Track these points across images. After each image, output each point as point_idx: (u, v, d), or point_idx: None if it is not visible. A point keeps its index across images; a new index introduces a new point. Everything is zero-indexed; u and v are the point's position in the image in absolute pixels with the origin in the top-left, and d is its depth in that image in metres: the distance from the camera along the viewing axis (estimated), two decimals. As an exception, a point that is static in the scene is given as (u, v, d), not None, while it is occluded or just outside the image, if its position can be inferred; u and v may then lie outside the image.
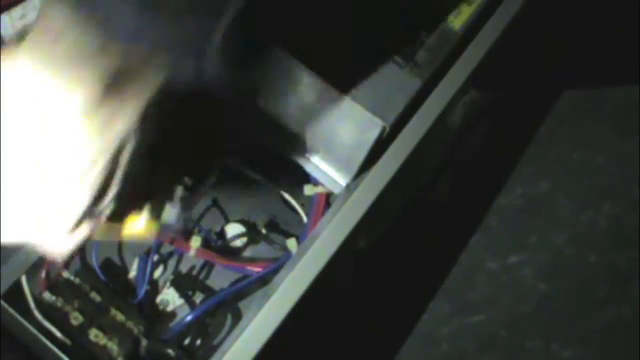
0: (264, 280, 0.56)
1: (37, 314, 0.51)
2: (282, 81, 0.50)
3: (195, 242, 0.56)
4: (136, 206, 0.41)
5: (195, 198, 0.60)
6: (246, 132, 0.53)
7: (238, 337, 0.43)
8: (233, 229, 0.59)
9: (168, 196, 0.44)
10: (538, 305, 0.63)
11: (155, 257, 0.56)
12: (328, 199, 0.57)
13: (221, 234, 0.59)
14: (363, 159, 0.50)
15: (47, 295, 0.52)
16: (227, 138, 0.53)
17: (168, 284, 0.56)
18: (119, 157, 0.32)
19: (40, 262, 0.53)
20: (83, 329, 0.51)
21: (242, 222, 0.60)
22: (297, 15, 0.49)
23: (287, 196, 0.59)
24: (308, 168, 0.55)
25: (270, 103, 0.53)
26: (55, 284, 0.53)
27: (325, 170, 0.54)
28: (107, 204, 0.34)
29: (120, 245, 0.58)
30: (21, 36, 0.30)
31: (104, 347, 0.51)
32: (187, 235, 0.58)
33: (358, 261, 0.64)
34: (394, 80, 0.49)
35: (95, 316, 0.52)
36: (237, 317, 0.57)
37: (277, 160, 0.62)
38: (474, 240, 0.71)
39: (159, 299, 0.56)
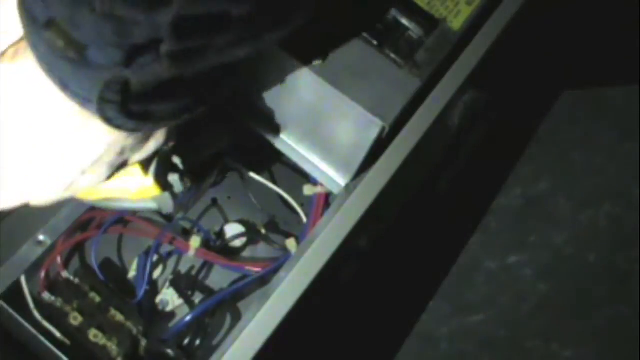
0: (264, 280, 0.56)
1: (37, 314, 0.51)
2: (281, 79, 0.50)
3: (195, 242, 0.56)
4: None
5: (195, 198, 0.60)
6: (241, 128, 0.53)
7: (237, 337, 0.43)
8: (232, 229, 0.59)
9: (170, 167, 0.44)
10: (538, 305, 0.63)
11: (155, 257, 0.56)
12: (327, 199, 0.57)
13: (220, 234, 0.59)
14: (362, 159, 0.50)
15: (47, 295, 0.52)
16: (223, 134, 0.53)
17: (167, 284, 0.56)
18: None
19: (39, 262, 0.53)
20: (82, 329, 0.51)
21: (241, 222, 0.60)
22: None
23: (286, 196, 0.59)
24: (307, 168, 0.55)
25: (267, 101, 0.53)
26: (54, 284, 0.53)
27: (325, 170, 0.54)
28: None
29: (119, 245, 0.58)
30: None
31: (104, 347, 0.51)
32: (186, 235, 0.58)
33: (358, 261, 0.64)
34: (393, 80, 0.49)
35: (95, 316, 0.52)
36: (237, 317, 0.57)
37: (276, 160, 0.62)
38: (473, 240, 0.71)
39: (158, 299, 0.56)
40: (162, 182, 0.43)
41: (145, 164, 0.41)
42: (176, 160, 0.45)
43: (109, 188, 0.41)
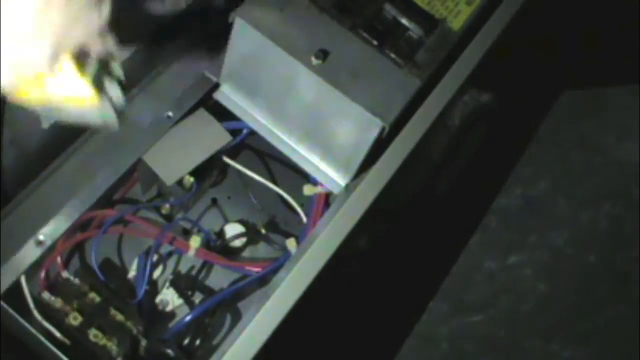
0: (263, 280, 0.56)
1: (37, 314, 0.51)
2: (281, 79, 0.50)
3: (195, 242, 0.56)
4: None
5: (194, 197, 0.60)
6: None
7: (237, 337, 0.43)
8: (232, 229, 0.59)
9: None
10: (538, 305, 0.63)
11: (155, 257, 0.56)
12: (327, 199, 0.57)
13: (220, 234, 0.59)
14: (362, 159, 0.50)
15: (47, 295, 0.52)
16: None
17: (167, 283, 0.56)
18: None
19: (39, 262, 0.53)
20: (82, 329, 0.51)
21: (241, 222, 0.60)
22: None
23: (286, 196, 0.59)
24: (307, 168, 0.55)
25: (267, 101, 0.53)
26: (54, 284, 0.53)
27: (325, 170, 0.54)
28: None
29: (119, 245, 0.58)
30: None
31: (104, 347, 0.51)
32: (186, 235, 0.58)
33: (358, 261, 0.64)
34: (393, 80, 0.49)
35: (95, 316, 0.52)
36: (237, 317, 0.57)
37: (276, 160, 0.62)
38: (473, 241, 0.71)
39: (158, 299, 0.56)
40: (99, 84, 0.42)
41: (82, 65, 0.40)
42: (116, 69, 0.43)
43: (43, 87, 0.39)
